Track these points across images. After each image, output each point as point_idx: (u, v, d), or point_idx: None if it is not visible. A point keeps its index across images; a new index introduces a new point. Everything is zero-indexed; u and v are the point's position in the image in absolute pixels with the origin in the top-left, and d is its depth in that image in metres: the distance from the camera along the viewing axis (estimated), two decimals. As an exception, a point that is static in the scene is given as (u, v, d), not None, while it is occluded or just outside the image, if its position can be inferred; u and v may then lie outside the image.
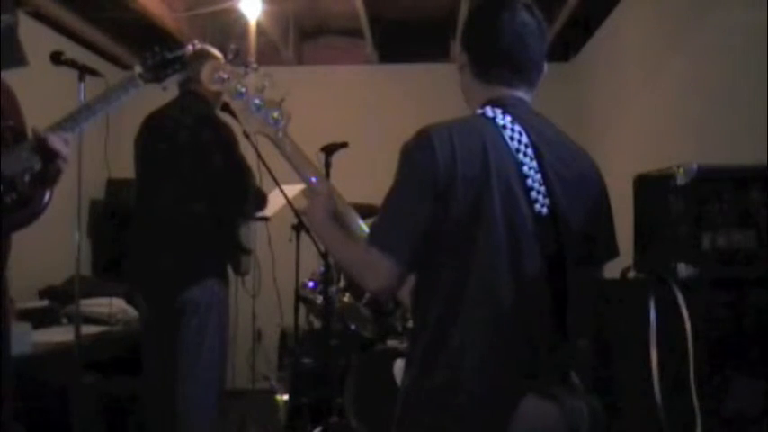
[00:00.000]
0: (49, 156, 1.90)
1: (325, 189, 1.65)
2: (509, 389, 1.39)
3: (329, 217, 1.60)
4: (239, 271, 3.07)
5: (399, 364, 1.56)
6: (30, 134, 1.95)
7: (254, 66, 1.79)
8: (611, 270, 1.68)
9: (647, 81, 4.00)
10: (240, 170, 2.87)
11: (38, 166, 1.91)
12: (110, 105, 2.08)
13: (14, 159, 1.90)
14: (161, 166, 2.88)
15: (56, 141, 1.91)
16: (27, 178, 1.92)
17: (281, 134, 1.68)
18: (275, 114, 1.67)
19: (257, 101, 1.67)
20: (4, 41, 2.04)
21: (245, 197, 2.93)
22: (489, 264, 1.41)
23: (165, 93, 3.00)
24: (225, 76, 1.69)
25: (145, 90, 2.24)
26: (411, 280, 1.50)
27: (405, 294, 1.55)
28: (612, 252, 1.60)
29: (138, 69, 2.18)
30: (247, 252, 3.11)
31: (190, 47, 2.33)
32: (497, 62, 1.54)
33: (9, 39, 2.07)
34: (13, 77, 2.14)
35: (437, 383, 1.41)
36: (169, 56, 2.23)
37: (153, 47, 2.24)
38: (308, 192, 1.66)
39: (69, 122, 2.00)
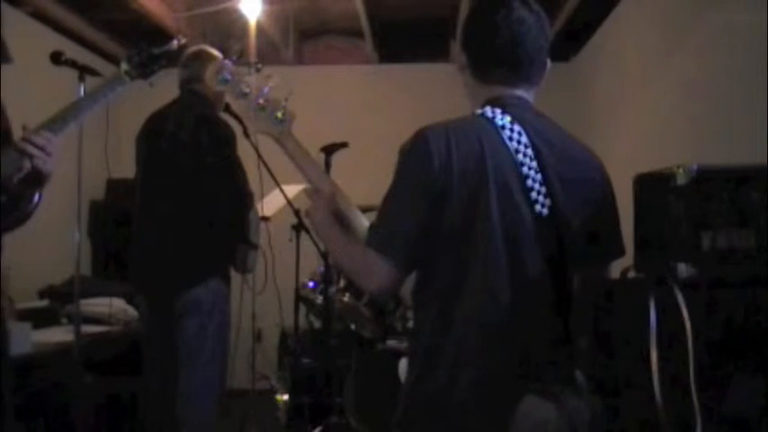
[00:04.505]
0: (29, 155, 1.86)
1: (328, 189, 1.65)
2: (509, 389, 1.39)
3: (330, 217, 1.60)
4: (244, 268, 3.06)
5: (404, 364, 1.56)
6: (16, 135, 1.92)
7: (259, 66, 1.78)
8: (611, 270, 1.68)
9: (647, 81, 4.00)
10: (237, 170, 2.87)
11: (27, 166, 1.88)
12: (97, 104, 2.06)
13: (5, 161, 1.87)
14: (162, 166, 2.88)
15: (38, 140, 1.87)
16: (16, 180, 1.90)
17: (285, 133, 1.68)
18: (279, 114, 1.67)
19: (261, 100, 1.67)
20: None
21: (243, 197, 2.93)
22: (487, 264, 1.40)
23: (165, 94, 3.02)
24: (228, 76, 1.68)
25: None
26: (411, 280, 1.50)
27: (407, 293, 1.55)
28: (619, 251, 1.60)
29: (124, 67, 2.17)
30: (254, 247, 3.10)
31: (175, 42, 2.31)
32: (494, 61, 1.53)
33: None
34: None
35: (438, 383, 1.41)
36: (156, 52, 2.22)
37: (139, 43, 2.23)
38: (311, 191, 1.66)
39: (58, 122, 1.97)
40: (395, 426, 1.48)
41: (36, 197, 1.96)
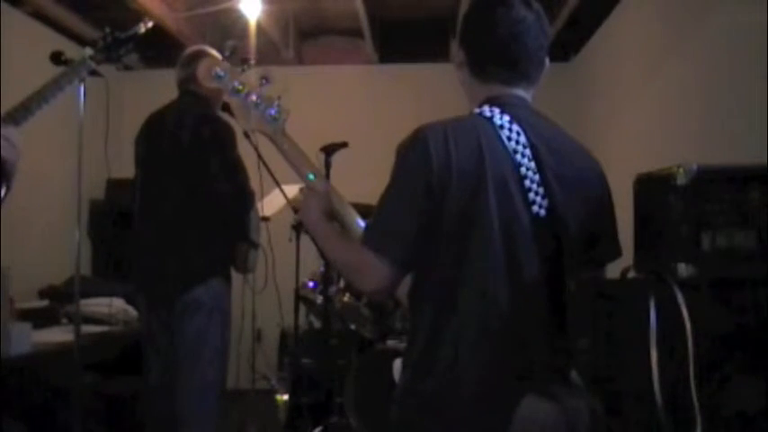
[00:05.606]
0: None
1: (322, 187, 1.64)
2: (507, 389, 1.38)
3: (324, 216, 1.59)
4: (245, 268, 3.06)
5: (399, 364, 1.56)
6: None
7: (252, 62, 1.77)
8: (611, 270, 1.68)
9: (647, 81, 4.00)
10: (238, 170, 2.87)
11: None
12: (62, 90, 2.02)
13: None
14: (162, 166, 2.88)
15: None
16: None
17: (278, 131, 1.67)
18: (273, 111, 1.66)
19: (255, 97, 1.66)
20: None
21: (245, 196, 2.93)
22: (484, 265, 1.40)
23: (165, 94, 3.02)
24: (221, 72, 1.67)
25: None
26: (407, 281, 1.49)
27: (403, 295, 1.54)
28: (615, 253, 1.59)
29: (88, 52, 2.15)
30: (255, 246, 3.10)
31: (141, 25, 2.30)
32: (493, 60, 1.52)
33: None
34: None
35: (435, 384, 1.40)
36: (121, 36, 2.21)
37: (105, 28, 2.22)
38: (305, 189, 1.66)
39: (21, 112, 1.92)
40: (391, 427, 1.47)
41: (2, 191, 1.92)
